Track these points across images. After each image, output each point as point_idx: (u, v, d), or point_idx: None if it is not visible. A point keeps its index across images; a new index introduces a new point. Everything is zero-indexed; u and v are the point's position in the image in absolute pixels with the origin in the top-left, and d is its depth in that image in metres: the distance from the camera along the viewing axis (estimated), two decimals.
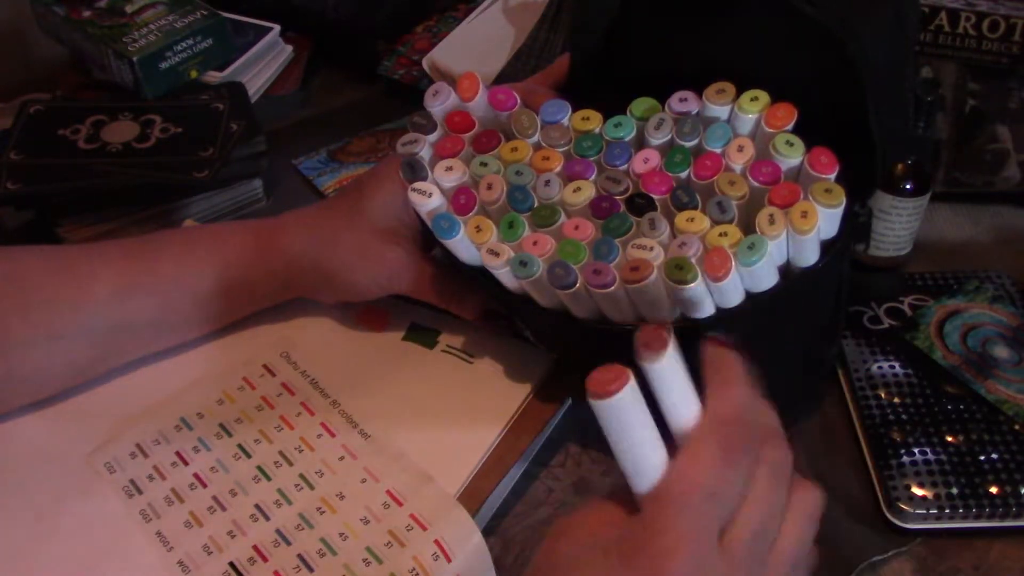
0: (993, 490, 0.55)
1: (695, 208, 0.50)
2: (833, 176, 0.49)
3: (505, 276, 0.50)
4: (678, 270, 0.46)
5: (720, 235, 0.48)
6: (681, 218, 0.49)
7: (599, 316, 0.50)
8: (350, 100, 0.90)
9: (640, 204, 0.50)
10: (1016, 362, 0.62)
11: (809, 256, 0.49)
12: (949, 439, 0.58)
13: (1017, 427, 0.58)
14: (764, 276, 0.48)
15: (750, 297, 0.49)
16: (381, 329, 0.63)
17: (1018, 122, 0.74)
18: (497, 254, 0.50)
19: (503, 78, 0.81)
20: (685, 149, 0.51)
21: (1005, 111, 0.73)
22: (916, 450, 0.57)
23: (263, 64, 0.88)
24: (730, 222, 0.48)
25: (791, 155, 0.50)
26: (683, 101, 0.53)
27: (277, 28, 0.89)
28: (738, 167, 0.50)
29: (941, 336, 0.64)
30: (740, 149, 0.51)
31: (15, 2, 0.90)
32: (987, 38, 0.71)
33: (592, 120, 0.54)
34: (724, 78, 0.53)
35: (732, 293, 0.48)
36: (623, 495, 0.40)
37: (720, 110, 0.53)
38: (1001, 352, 0.62)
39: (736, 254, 0.47)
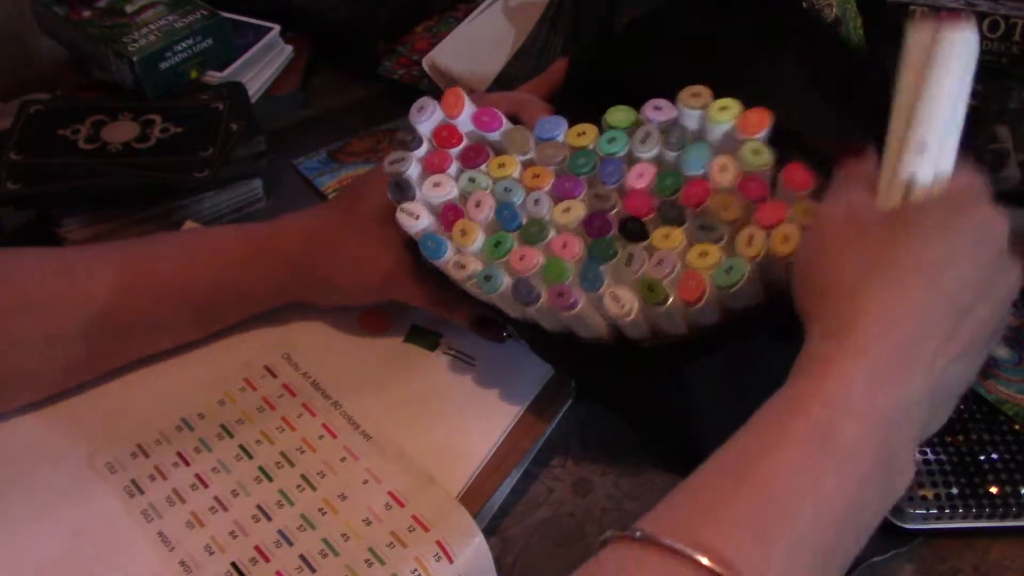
0: (993, 490, 0.55)
1: (683, 222, 0.49)
2: (809, 192, 0.48)
3: (473, 289, 0.51)
4: (649, 292, 0.46)
5: (700, 255, 0.47)
6: (658, 235, 0.49)
7: (568, 331, 0.50)
8: (350, 100, 0.90)
9: (633, 229, 0.49)
10: (1016, 362, 0.62)
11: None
12: (949, 439, 0.58)
13: (1017, 427, 0.59)
14: (745, 297, 0.48)
15: (731, 315, 0.49)
16: (382, 331, 0.63)
17: (1018, 122, 0.74)
18: (463, 266, 0.50)
19: (503, 78, 0.81)
20: (675, 173, 0.51)
21: (1005, 111, 0.73)
22: (916, 450, 0.57)
23: (263, 64, 0.88)
24: (717, 242, 0.48)
25: (757, 164, 0.49)
26: (657, 109, 0.53)
27: (277, 28, 0.89)
28: (725, 186, 0.50)
29: None
30: (723, 169, 0.50)
31: (15, 2, 0.90)
32: (987, 38, 0.71)
33: (588, 135, 0.53)
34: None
35: (709, 315, 0.48)
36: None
37: (694, 114, 0.52)
38: (1001, 352, 0.63)
39: (713, 276, 0.46)
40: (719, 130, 0.51)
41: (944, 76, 0.43)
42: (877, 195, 0.45)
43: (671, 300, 0.46)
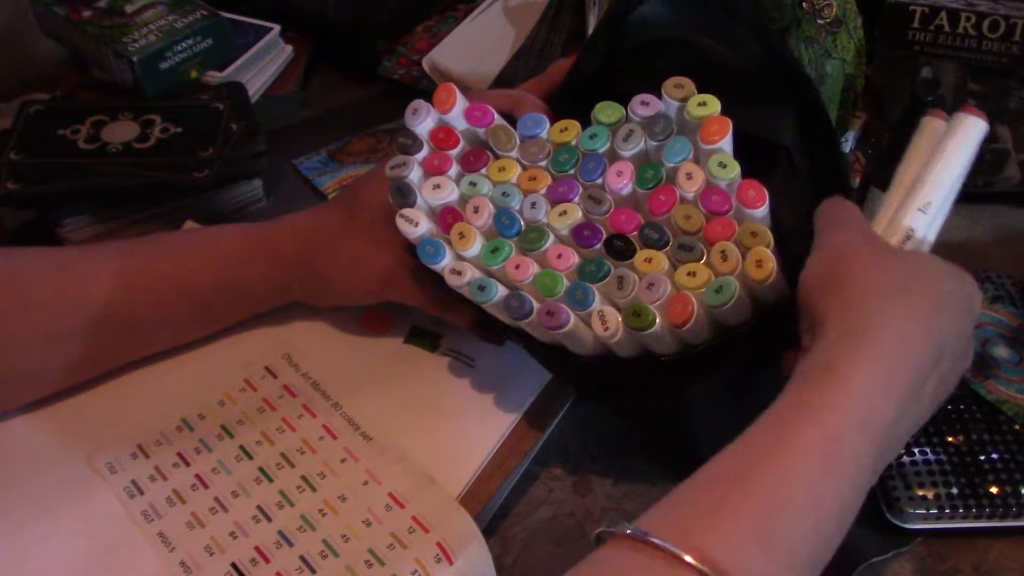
0: (993, 490, 0.55)
1: (666, 244, 0.49)
2: (761, 209, 0.48)
3: (468, 296, 0.51)
4: (635, 317, 0.46)
5: (688, 275, 0.47)
6: (639, 258, 0.49)
7: (561, 345, 0.51)
8: (350, 100, 0.90)
9: (619, 247, 0.49)
10: (1016, 362, 0.62)
11: (774, 296, 0.49)
12: (949, 439, 0.58)
13: (1017, 427, 0.59)
14: (734, 315, 0.48)
15: (721, 332, 0.49)
16: (383, 332, 0.63)
17: (1018, 122, 0.74)
18: (459, 273, 0.50)
19: (503, 78, 0.81)
20: (656, 165, 0.51)
21: (1005, 111, 0.73)
22: (916, 450, 0.57)
23: (263, 64, 0.88)
24: (698, 260, 0.48)
25: (723, 176, 0.49)
26: (645, 105, 0.52)
27: (277, 28, 0.89)
28: (689, 195, 0.50)
29: None
30: (689, 176, 0.50)
31: (15, 2, 0.90)
32: (987, 38, 0.71)
33: (570, 131, 0.53)
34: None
35: (698, 334, 0.48)
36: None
37: (673, 104, 0.52)
38: (1001, 352, 0.63)
39: (704, 296, 0.46)
40: (693, 125, 0.51)
41: (960, 150, 0.50)
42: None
43: (658, 323, 0.46)
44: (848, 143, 0.78)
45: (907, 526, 0.55)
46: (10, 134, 0.73)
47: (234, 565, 0.51)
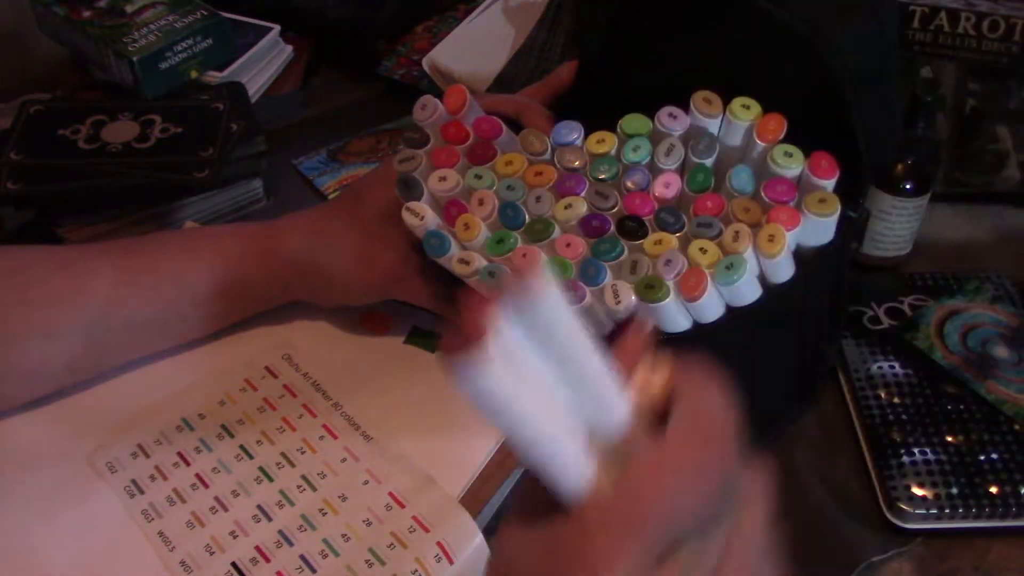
0: (993, 490, 0.55)
1: (680, 229, 0.49)
2: (833, 181, 0.49)
3: (477, 285, 0.51)
4: (648, 289, 0.46)
5: (700, 251, 0.47)
6: (649, 241, 0.49)
7: None
8: (350, 100, 0.90)
9: (631, 227, 0.49)
10: (1016, 362, 0.62)
11: (782, 274, 0.49)
12: (949, 439, 0.58)
13: (1017, 427, 0.59)
14: (746, 293, 0.48)
15: (729, 311, 0.49)
16: (383, 332, 0.63)
17: (1018, 122, 0.74)
18: (467, 263, 0.50)
19: (503, 78, 0.81)
20: (706, 167, 0.51)
21: (1005, 111, 0.73)
22: (916, 450, 0.57)
23: (263, 64, 0.88)
24: (715, 239, 0.48)
25: (791, 165, 0.49)
26: (673, 117, 0.52)
27: (277, 28, 0.89)
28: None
29: (941, 336, 0.64)
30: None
31: (15, 2, 0.90)
32: (987, 38, 0.71)
33: (607, 142, 0.53)
34: (711, 88, 0.52)
35: (710, 309, 0.48)
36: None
37: (710, 121, 0.52)
38: (1001, 352, 0.63)
39: (715, 273, 0.47)
40: (739, 127, 0.51)
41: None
42: None
43: (671, 297, 0.46)
44: None
45: (907, 526, 0.55)
46: (10, 134, 0.73)
47: (234, 564, 0.51)
